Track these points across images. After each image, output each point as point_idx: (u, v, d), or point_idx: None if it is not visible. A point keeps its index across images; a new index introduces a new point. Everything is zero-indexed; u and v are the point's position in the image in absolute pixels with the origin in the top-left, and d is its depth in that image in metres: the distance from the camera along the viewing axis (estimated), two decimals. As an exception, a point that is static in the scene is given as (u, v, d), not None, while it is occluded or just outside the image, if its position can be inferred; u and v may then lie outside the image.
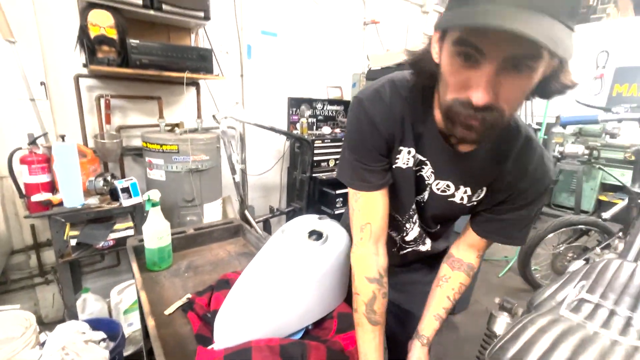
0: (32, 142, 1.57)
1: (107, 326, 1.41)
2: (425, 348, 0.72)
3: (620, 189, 3.26)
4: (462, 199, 0.68)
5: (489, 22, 0.37)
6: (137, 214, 1.60)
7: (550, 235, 2.18)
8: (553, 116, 2.69)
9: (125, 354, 1.56)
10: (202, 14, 1.76)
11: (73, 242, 1.41)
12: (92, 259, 1.95)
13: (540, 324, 0.56)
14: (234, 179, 2.07)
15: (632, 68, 3.63)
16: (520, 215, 0.66)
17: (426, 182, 0.69)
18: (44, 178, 1.58)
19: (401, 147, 0.65)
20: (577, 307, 0.68)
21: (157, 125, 1.92)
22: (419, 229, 0.77)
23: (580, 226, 2.16)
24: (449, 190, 0.68)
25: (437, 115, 0.61)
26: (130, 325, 1.71)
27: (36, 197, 1.52)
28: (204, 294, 0.96)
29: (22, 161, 1.54)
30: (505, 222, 0.67)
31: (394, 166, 0.67)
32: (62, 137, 1.62)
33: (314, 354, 0.66)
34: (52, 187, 1.61)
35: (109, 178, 1.65)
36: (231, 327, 0.76)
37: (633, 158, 3.00)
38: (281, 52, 2.52)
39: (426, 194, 0.71)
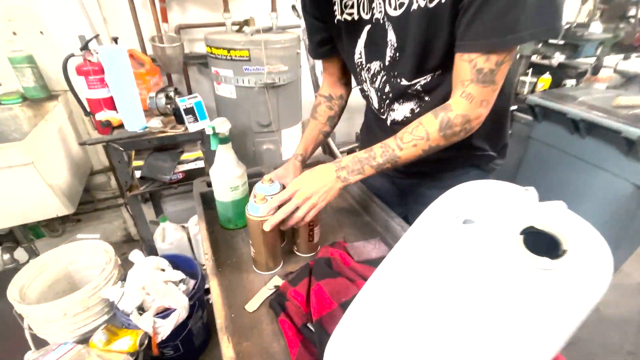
0: (84, 46, 1.27)
1: (184, 263, 1.28)
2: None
3: None
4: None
5: None
6: (207, 140, 1.31)
7: None
8: None
9: (206, 286, 1.49)
10: None
11: (137, 173, 1.20)
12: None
13: None
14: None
15: None
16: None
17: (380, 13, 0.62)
18: (104, 92, 1.33)
19: None
20: None
21: (223, 24, 1.48)
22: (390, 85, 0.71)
23: None
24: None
25: None
26: (211, 256, 1.61)
27: (100, 115, 1.30)
28: (299, 282, 0.64)
29: (79, 72, 1.28)
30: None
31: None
32: (115, 39, 1.30)
33: None
34: (114, 103, 1.37)
35: (172, 94, 1.34)
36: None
37: None
38: None
39: (390, 34, 0.62)
